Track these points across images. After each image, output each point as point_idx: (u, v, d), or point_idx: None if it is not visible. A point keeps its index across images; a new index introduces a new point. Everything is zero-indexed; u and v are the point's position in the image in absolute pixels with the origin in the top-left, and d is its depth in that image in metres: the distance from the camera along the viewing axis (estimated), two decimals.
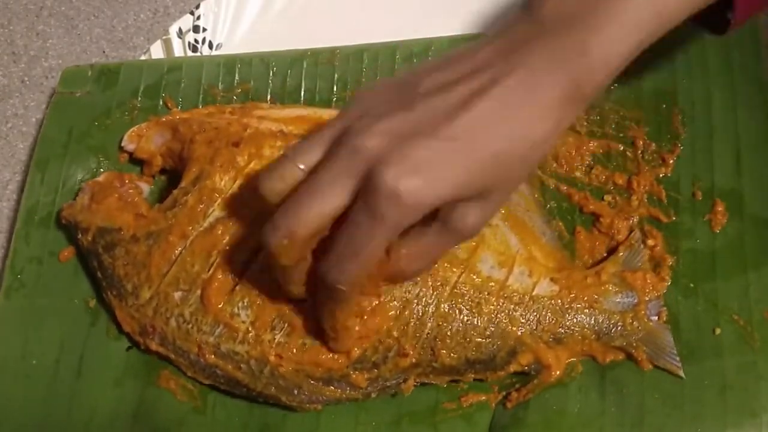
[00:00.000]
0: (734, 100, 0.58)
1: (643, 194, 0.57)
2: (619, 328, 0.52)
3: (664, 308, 0.53)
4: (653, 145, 0.58)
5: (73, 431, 0.54)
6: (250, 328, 0.51)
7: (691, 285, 0.54)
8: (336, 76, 0.63)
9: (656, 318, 0.53)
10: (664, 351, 0.52)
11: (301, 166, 0.42)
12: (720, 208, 0.55)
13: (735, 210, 0.55)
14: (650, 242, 0.55)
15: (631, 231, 0.55)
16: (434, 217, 0.43)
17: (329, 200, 0.41)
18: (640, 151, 0.58)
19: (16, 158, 0.67)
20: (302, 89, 0.63)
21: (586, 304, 0.52)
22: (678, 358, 0.52)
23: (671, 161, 0.57)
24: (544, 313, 0.52)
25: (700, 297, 0.53)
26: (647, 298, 0.53)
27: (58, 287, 0.58)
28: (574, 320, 0.52)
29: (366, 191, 0.40)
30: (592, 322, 0.52)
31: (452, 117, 0.40)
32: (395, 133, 0.40)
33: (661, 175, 0.57)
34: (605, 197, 0.57)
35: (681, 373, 0.51)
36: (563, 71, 0.41)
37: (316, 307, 0.48)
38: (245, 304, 0.51)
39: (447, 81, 0.42)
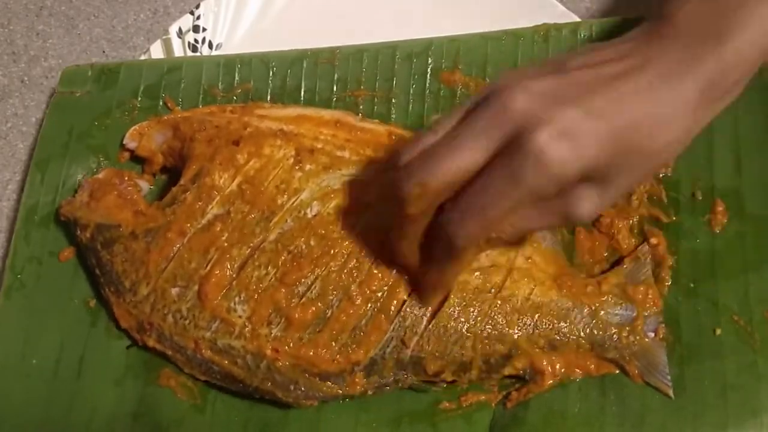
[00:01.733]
0: (735, 101, 0.58)
1: (643, 194, 0.57)
2: (614, 340, 0.52)
3: (662, 325, 0.52)
4: None
5: (74, 431, 0.54)
6: (246, 323, 0.51)
7: (692, 285, 0.54)
8: (336, 76, 0.63)
9: (653, 334, 0.52)
10: (656, 368, 0.52)
11: (440, 133, 0.43)
12: (720, 208, 0.55)
13: (735, 210, 0.55)
14: (653, 241, 0.55)
15: (640, 243, 0.55)
16: None
17: (469, 154, 0.40)
18: None
19: (16, 158, 0.67)
20: (302, 89, 0.63)
21: (584, 313, 0.52)
22: (669, 377, 0.51)
23: (671, 162, 0.57)
24: (540, 317, 0.51)
25: (700, 297, 0.53)
26: (646, 313, 0.52)
27: (58, 287, 0.58)
28: (571, 327, 0.52)
29: (511, 150, 0.39)
30: (588, 331, 0.52)
31: (600, 90, 0.41)
32: (545, 95, 0.40)
33: (661, 175, 0.57)
34: None
35: (671, 393, 0.51)
36: (699, 69, 0.42)
37: (428, 261, 0.47)
38: (242, 299, 0.51)
39: (594, 62, 0.43)
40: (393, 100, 0.62)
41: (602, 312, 0.52)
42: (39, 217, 0.60)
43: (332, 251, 0.51)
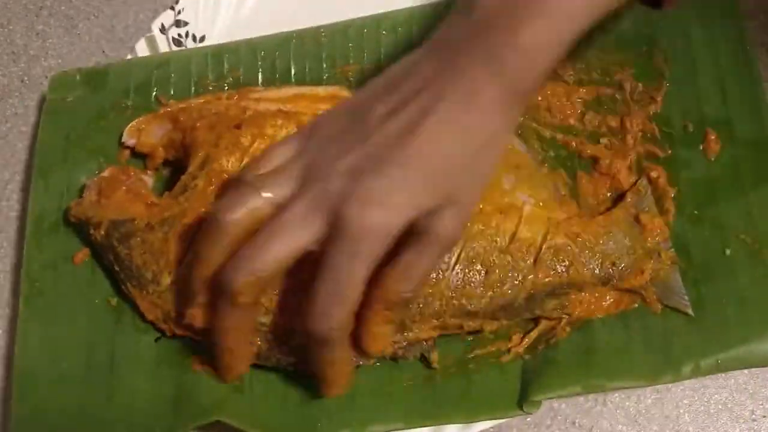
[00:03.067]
0: (713, 33, 0.60)
1: (637, 133, 0.58)
2: (627, 271, 0.53)
3: (672, 250, 0.54)
4: (640, 85, 0.59)
5: (115, 417, 0.54)
6: (273, 299, 0.51)
7: (696, 212, 0.56)
8: (324, 54, 0.64)
9: None
10: (673, 290, 0.53)
11: (267, 195, 0.45)
12: (712, 137, 0.57)
13: (726, 136, 0.57)
14: (653, 174, 0.56)
15: (638, 178, 0.57)
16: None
17: (294, 241, 0.43)
18: (628, 93, 0.59)
19: (15, 158, 0.67)
20: (292, 71, 0.63)
21: (595, 250, 0.53)
22: (687, 297, 0.53)
23: (659, 98, 0.59)
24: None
25: (705, 222, 0.55)
26: (655, 241, 0.54)
27: (77, 290, 0.58)
28: (586, 266, 0.53)
29: (335, 233, 0.42)
30: (600, 266, 0.53)
31: (402, 143, 0.43)
32: (354, 169, 0.43)
33: (651, 113, 0.58)
34: (601, 140, 0.59)
35: (690, 311, 0.53)
36: (499, 70, 0.43)
37: (309, 362, 0.48)
38: None
39: (395, 104, 0.44)
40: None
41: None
42: (48, 224, 0.60)
43: None
